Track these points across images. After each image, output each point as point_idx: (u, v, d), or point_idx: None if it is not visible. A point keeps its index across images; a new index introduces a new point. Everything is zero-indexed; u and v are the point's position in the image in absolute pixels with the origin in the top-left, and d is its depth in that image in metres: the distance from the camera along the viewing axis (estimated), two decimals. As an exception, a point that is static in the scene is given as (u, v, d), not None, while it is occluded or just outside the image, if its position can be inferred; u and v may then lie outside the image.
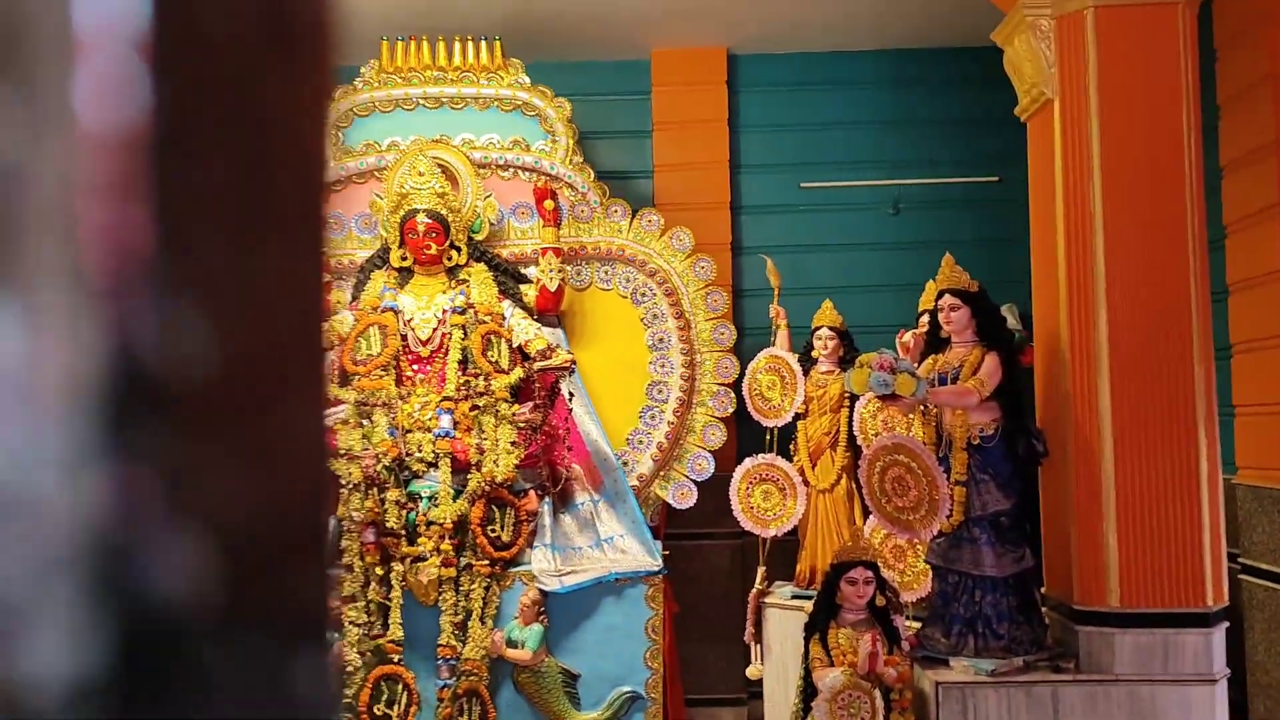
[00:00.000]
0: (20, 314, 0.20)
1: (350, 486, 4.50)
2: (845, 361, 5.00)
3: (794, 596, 4.98)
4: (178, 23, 0.19)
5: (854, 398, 4.91)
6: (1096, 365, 3.83)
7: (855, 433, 4.92)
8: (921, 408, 4.10)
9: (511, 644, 4.48)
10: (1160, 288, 3.82)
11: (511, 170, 5.25)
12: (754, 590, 5.09)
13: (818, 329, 5.17)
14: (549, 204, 4.98)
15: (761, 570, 5.09)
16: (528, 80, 5.27)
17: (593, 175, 5.28)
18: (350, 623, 4.43)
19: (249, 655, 0.22)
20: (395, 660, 4.44)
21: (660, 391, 5.12)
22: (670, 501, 5.09)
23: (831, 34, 6.02)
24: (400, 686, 4.42)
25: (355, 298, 5.04)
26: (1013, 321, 4.97)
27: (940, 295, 4.08)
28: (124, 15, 0.19)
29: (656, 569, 4.62)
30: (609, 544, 4.77)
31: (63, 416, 0.21)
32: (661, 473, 5.07)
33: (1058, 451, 3.95)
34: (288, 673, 0.24)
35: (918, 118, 6.21)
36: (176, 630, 0.21)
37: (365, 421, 4.64)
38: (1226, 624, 3.86)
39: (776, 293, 5.29)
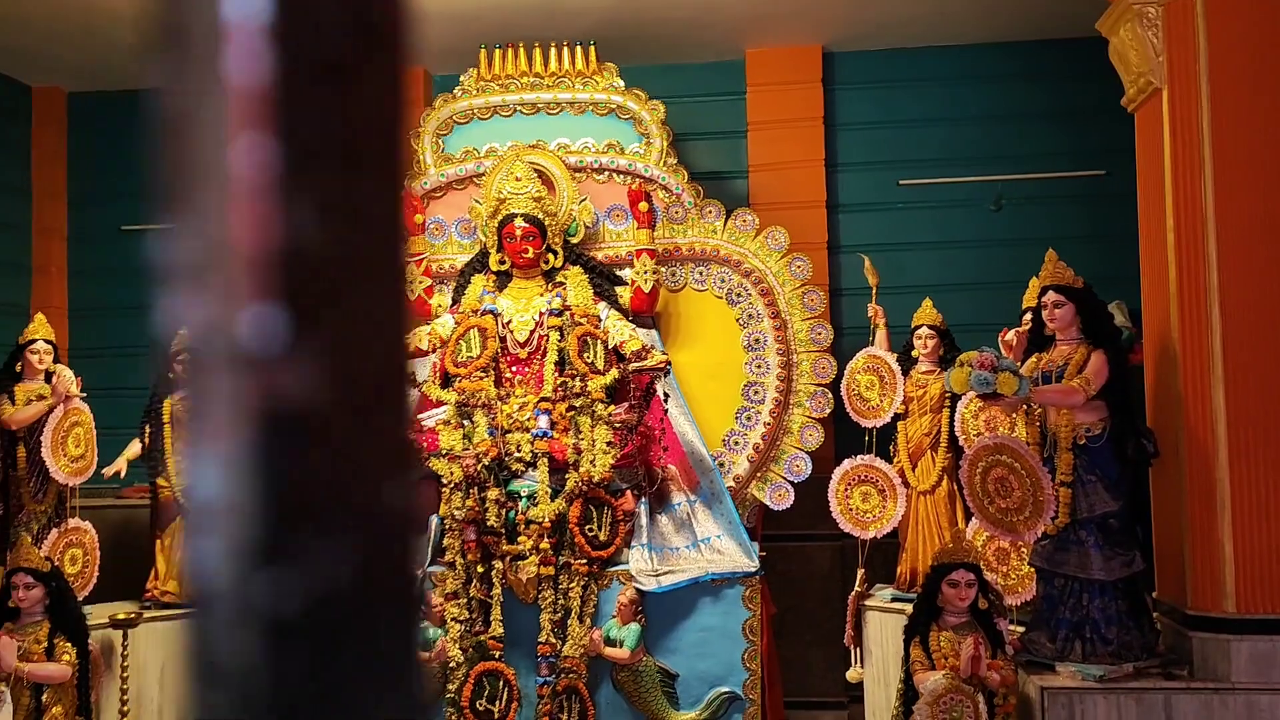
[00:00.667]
0: (197, 213, 0.31)
1: (451, 486, 4.59)
2: (945, 361, 4.92)
3: (894, 599, 4.92)
4: (290, 18, 0.27)
5: (955, 397, 4.83)
6: (1209, 363, 3.70)
7: (957, 433, 4.84)
8: (1025, 407, 4.01)
9: (610, 642, 4.52)
10: (1276, 282, 3.67)
11: (606, 173, 5.30)
12: (853, 592, 5.04)
13: (917, 328, 5.10)
14: (643, 206, 5.01)
15: (861, 572, 5.03)
16: (622, 84, 5.32)
17: (687, 177, 5.30)
18: (453, 619, 4.52)
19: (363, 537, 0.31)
20: (496, 656, 4.52)
21: (756, 392, 5.11)
22: (767, 503, 5.07)
23: (928, 28, 5.93)
24: (501, 683, 4.50)
25: (456, 301, 5.15)
26: (1121, 319, 4.83)
27: (1044, 292, 3.98)
28: (254, 11, 0.31)
29: (753, 570, 4.61)
30: (706, 544, 4.78)
31: (230, 289, 0.31)
32: (758, 474, 5.06)
33: (1169, 452, 3.83)
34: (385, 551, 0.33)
35: (1019, 111, 6.07)
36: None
37: (466, 422, 4.73)
38: (1353, 632, 3.68)
39: (875, 291, 5.23)
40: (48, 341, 4.95)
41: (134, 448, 5.22)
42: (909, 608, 4.14)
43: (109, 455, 5.11)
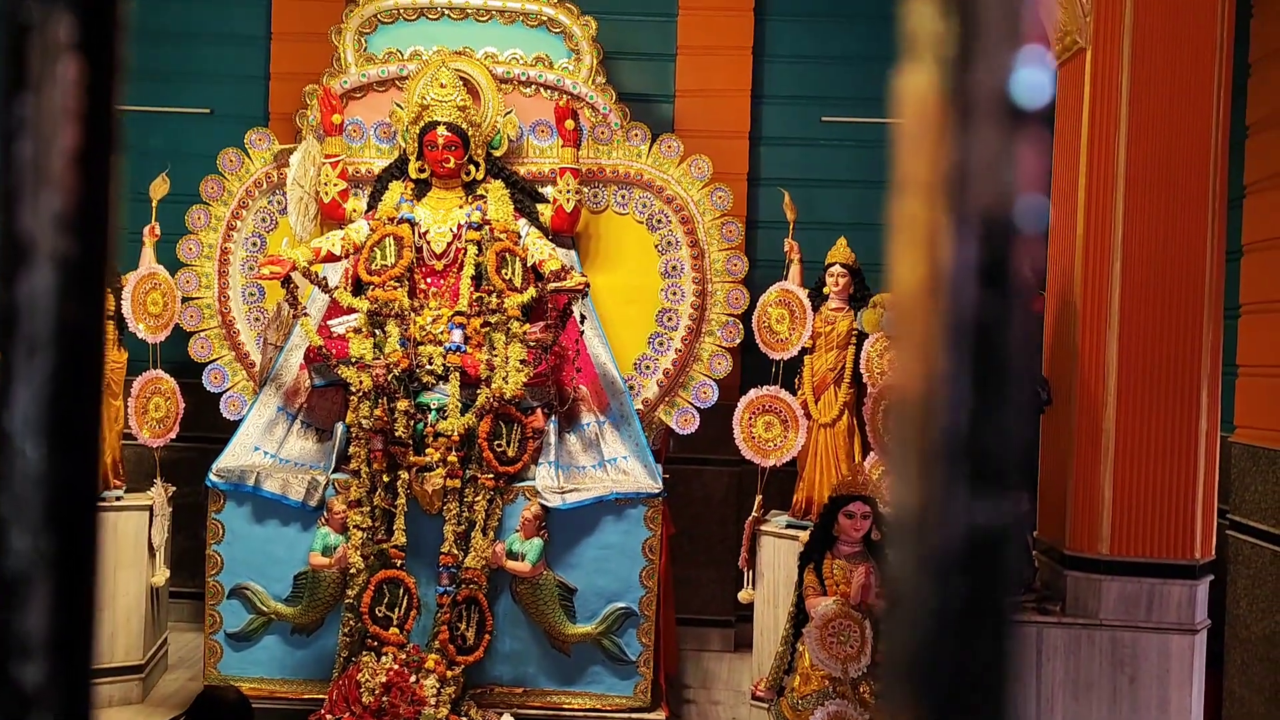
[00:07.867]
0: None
1: (360, 395, 4.56)
2: (856, 299, 5.03)
3: (789, 526, 5.08)
4: None
5: (861, 335, 4.95)
6: (1107, 318, 3.87)
7: (861, 370, 4.98)
8: (930, 350, 4.14)
9: (512, 556, 4.59)
10: (1177, 245, 3.84)
11: (534, 87, 5.22)
12: (751, 517, 5.18)
13: (830, 265, 5.19)
14: (569, 124, 4.96)
15: (759, 498, 5.17)
16: (555, -4, 5.21)
17: (615, 97, 5.25)
18: (355, 526, 4.52)
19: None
20: (398, 565, 4.55)
21: (670, 319, 5.16)
22: (674, 427, 5.16)
23: (864, -35, 5.93)
24: (401, 590, 4.53)
25: (372, 207, 5.04)
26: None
27: (957, 239, 4.09)
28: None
29: (657, 491, 4.71)
30: (612, 465, 4.85)
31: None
32: (667, 398, 5.14)
33: (1061, 401, 4.01)
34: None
35: (944, 57, 6.14)
36: None
37: (378, 331, 4.68)
38: (1211, 577, 3.95)
39: (791, 227, 5.29)
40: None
41: None
42: (803, 535, 4.29)
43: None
